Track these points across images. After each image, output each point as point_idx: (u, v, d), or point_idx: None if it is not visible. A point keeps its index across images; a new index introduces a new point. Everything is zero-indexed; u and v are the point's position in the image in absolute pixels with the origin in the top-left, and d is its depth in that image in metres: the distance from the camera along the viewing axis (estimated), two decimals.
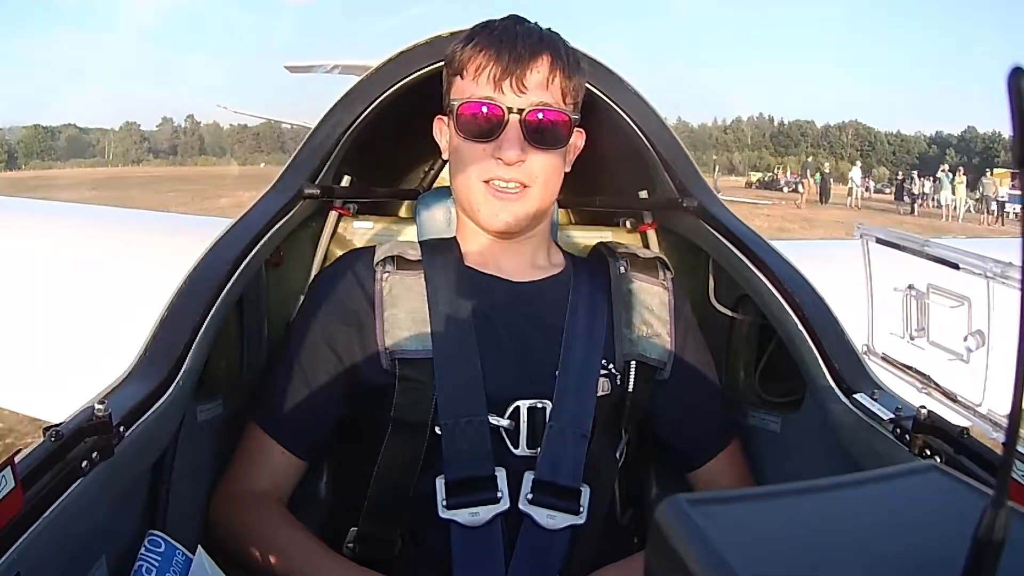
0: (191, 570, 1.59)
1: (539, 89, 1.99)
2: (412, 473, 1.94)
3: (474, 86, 2.01)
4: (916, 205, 42.21)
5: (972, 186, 41.49)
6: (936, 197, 39.24)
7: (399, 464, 1.95)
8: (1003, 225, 30.84)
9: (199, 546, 1.65)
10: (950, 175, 36.47)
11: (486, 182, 2.03)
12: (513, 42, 1.99)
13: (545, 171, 2.04)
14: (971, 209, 32.88)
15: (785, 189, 52.10)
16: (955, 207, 33.74)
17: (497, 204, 2.03)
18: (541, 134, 2.01)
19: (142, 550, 1.56)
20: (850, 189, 44.27)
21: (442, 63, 2.14)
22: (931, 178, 43.61)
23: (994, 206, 36.22)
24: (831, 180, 48.44)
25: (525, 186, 2.03)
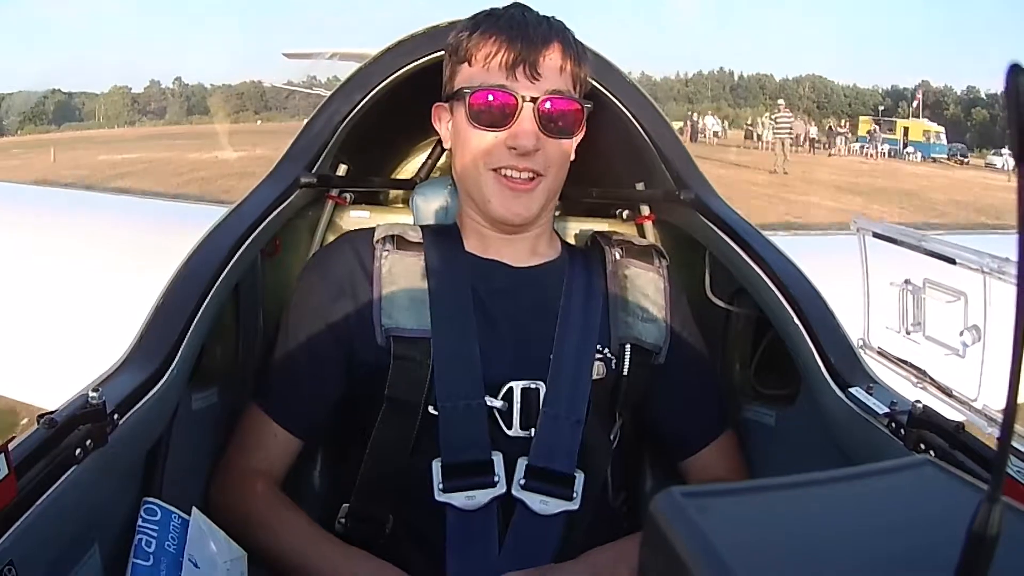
0: (188, 532, 1.61)
1: (552, 76, 1.97)
2: (404, 452, 1.95)
3: (485, 73, 1.98)
4: (698, 137, 50.43)
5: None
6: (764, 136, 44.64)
7: (391, 443, 1.96)
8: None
9: (194, 507, 1.66)
10: (774, 120, 40.51)
11: (495, 171, 2.00)
12: (524, 28, 1.96)
13: (558, 158, 2.03)
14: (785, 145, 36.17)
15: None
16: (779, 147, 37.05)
17: (510, 195, 2.02)
18: (555, 122, 1.99)
19: (139, 521, 1.57)
20: (712, 132, 53.49)
21: (441, 53, 2.13)
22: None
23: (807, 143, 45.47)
24: (724, 127, 57.64)
25: (539, 175, 2.01)
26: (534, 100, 1.95)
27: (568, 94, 2.00)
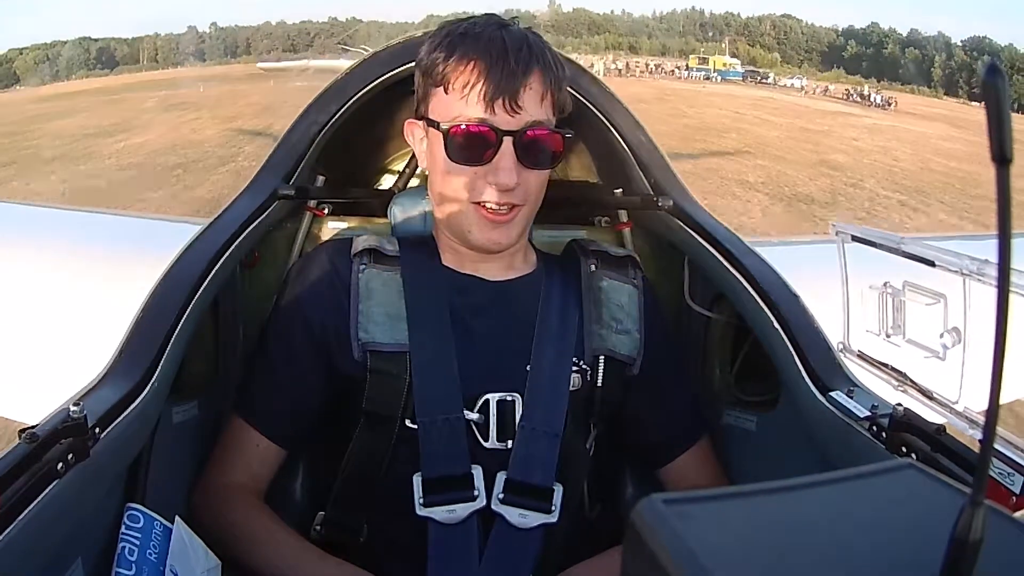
0: (171, 541, 1.61)
1: (533, 107, 1.94)
2: (381, 464, 1.96)
3: (463, 105, 1.94)
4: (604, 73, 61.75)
5: None
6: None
7: (368, 456, 1.97)
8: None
9: (177, 516, 1.66)
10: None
11: (476, 203, 1.99)
12: (504, 56, 1.91)
13: (537, 189, 2.03)
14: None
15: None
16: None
17: (489, 226, 2.00)
18: (535, 155, 1.97)
19: (123, 528, 1.57)
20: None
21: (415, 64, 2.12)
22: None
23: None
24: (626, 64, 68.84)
25: (517, 206, 2.00)
26: (513, 134, 1.93)
27: (548, 124, 1.98)
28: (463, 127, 1.93)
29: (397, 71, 2.32)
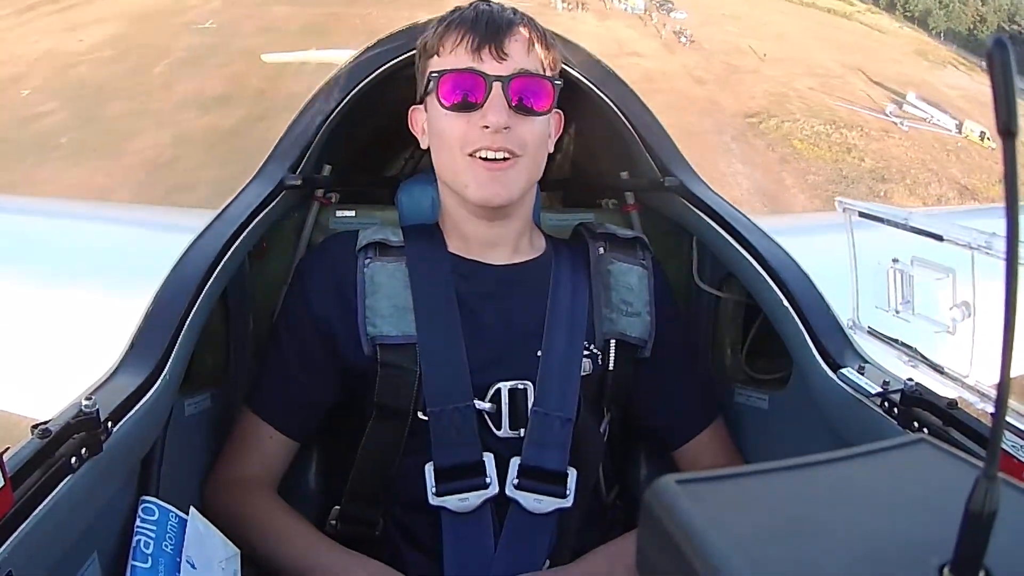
0: (187, 532, 1.62)
1: (519, 56, 1.97)
2: (394, 457, 1.97)
3: (453, 58, 1.98)
4: None
5: None
6: None
7: (382, 448, 1.98)
8: None
9: (191, 507, 1.67)
10: None
11: (471, 155, 1.97)
12: (489, 14, 1.98)
13: (533, 139, 2.01)
14: None
15: None
16: None
17: (486, 177, 1.98)
18: (526, 100, 1.98)
19: (137, 521, 1.57)
20: None
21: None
22: None
23: None
24: None
25: (515, 155, 1.98)
26: (502, 79, 1.94)
27: (536, 72, 1.99)
28: (452, 73, 1.96)
29: (400, 58, 2.31)
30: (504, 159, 1.97)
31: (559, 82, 2.05)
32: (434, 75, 1.99)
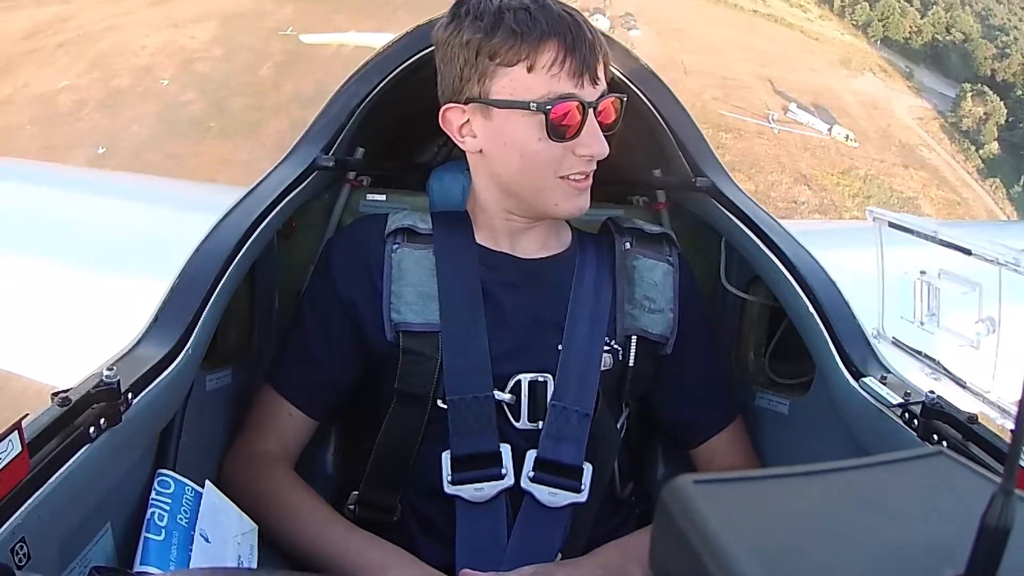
0: (201, 504, 1.63)
1: (604, 78, 1.95)
2: (413, 444, 1.97)
3: (554, 82, 1.88)
4: None
5: None
6: None
7: (401, 435, 1.98)
8: None
9: (207, 480, 1.68)
10: None
11: (562, 177, 1.97)
12: (579, 30, 1.89)
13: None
14: None
15: None
16: None
17: (575, 194, 1.99)
18: (612, 123, 1.98)
19: (152, 494, 1.58)
20: None
21: None
22: None
23: None
24: None
25: (592, 171, 2.00)
26: (594, 106, 1.91)
27: (614, 92, 1.98)
28: (564, 104, 1.89)
29: None
30: (586, 176, 1.99)
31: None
32: (535, 105, 1.89)
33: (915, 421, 1.62)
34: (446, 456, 1.92)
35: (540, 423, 1.97)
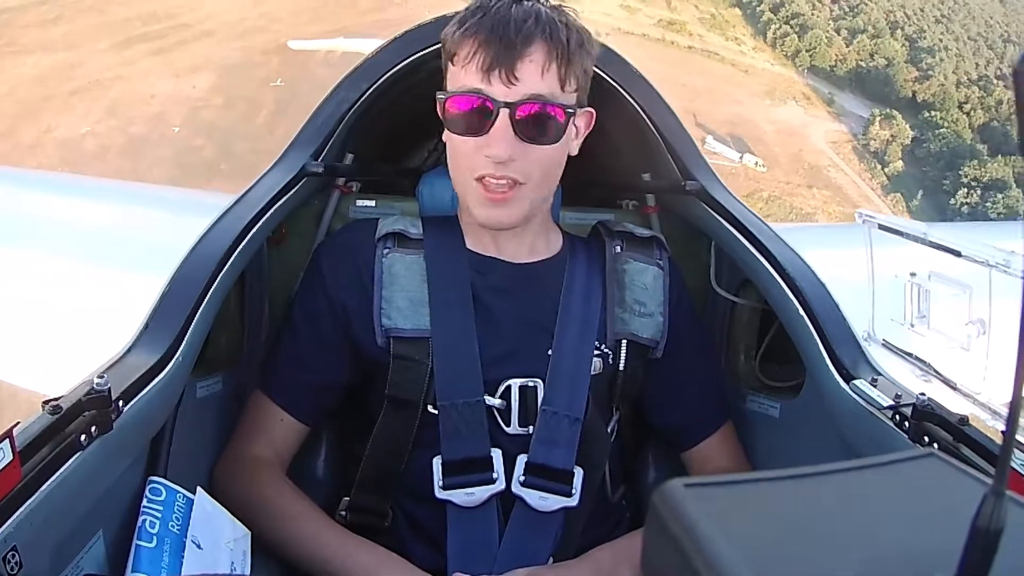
0: (193, 511, 1.62)
1: (532, 80, 1.88)
2: (404, 449, 1.97)
3: (462, 75, 1.90)
4: None
5: None
6: None
7: (392, 440, 1.98)
8: None
9: (199, 487, 1.68)
10: None
11: (479, 179, 1.93)
12: (506, 27, 1.86)
13: (540, 167, 1.95)
14: None
15: None
16: None
17: (488, 204, 1.95)
18: (534, 129, 1.90)
19: (144, 501, 1.58)
20: None
21: None
22: None
23: None
24: None
25: (518, 183, 1.93)
26: (509, 106, 1.87)
27: (549, 98, 1.90)
28: (458, 97, 1.91)
29: (427, 50, 2.30)
30: (508, 187, 1.93)
31: (572, 108, 1.96)
32: (441, 95, 1.94)
33: (906, 423, 1.62)
34: (437, 461, 1.92)
35: (531, 428, 1.97)
